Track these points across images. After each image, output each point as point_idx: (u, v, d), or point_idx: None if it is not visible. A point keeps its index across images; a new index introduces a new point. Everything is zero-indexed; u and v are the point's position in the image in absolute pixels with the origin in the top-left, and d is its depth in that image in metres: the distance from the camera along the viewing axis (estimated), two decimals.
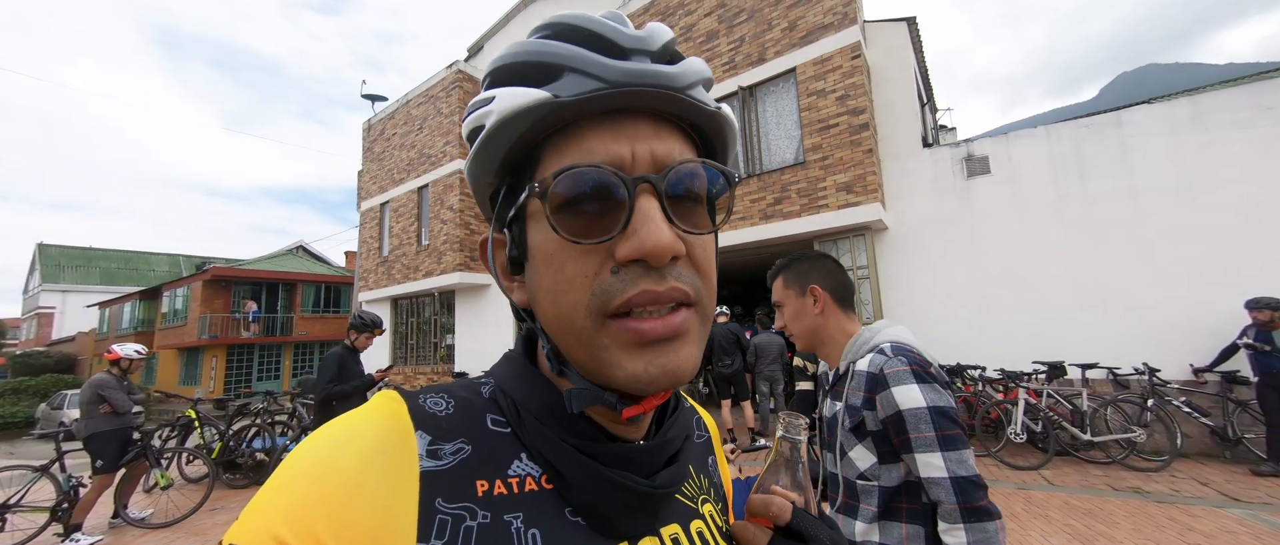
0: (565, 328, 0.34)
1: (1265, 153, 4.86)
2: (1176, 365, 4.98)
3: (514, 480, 0.34)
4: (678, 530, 0.38)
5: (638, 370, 0.32)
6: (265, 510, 0.28)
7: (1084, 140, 5.63)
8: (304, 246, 25.64)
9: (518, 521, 0.32)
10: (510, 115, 0.33)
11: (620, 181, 0.32)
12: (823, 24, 6.53)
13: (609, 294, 0.32)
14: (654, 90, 0.33)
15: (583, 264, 0.33)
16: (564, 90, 0.32)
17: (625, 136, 0.33)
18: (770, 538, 0.39)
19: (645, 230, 0.31)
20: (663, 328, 0.32)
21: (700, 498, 0.43)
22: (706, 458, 0.49)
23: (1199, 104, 5.22)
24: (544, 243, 0.34)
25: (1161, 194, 5.22)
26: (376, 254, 12.56)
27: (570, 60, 0.33)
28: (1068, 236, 5.57)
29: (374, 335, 3.75)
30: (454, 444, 0.33)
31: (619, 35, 0.34)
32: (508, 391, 0.38)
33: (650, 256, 0.31)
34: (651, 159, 0.33)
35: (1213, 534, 3.19)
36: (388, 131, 12.74)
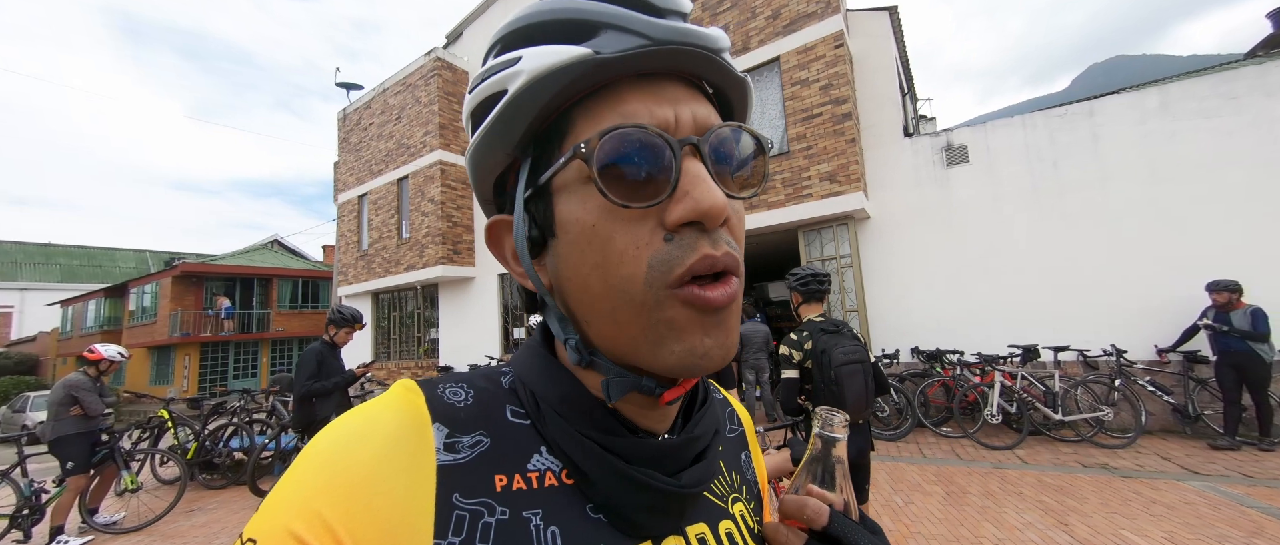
0: (619, 304, 0.31)
1: (1228, 140, 5.05)
2: (1142, 346, 5.19)
3: (533, 475, 0.33)
4: (705, 530, 0.37)
5: (694, 344, 0.31)
6: (281, 505, 0.28)
7: (1058, 129, 5.77)
8: (279, 241, 24.90)
9: (537, 518, 0.31)
10: (544, 74, 0.30)
11: (666, 144, 0.30)
12: (806, 12, 6.52)
13: (669, 262, 0.30)
14: (695, 50, 0.31)
15: (633, 233, 0.31)
16: (605, 46, 0.30)
17: (666, 99, 0.32)
18: (805, 542, 0.36)
19: (699, 190, 0.30)
20: (721, 295, 0.30)
21: (731, 497, 0.41)
22: (740, 454, 0.46)
23: (1167, 93, 5.38)
24: (583, 214, 0.32)
25: (1130, 181, 5.39)
26: (356, 247, 12.27)
27: (609, 16, 0.31)
28: (1042, 223, 5.73)
29: (354, 330, 3.66)
30: (472, 436, 0.32)
31: None
32: (526, 382, 0.37)
33: (706, 217, 0.30)
34: (694, 122, 0.32)
35: (1174, 505, 3.35)
36: (364, 121, 12.38)
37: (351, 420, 0.31)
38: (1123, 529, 3.04)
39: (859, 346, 2.21)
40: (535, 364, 0.37)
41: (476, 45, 11.35)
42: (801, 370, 2.27)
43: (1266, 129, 4.93)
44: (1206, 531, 2.94)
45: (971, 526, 3.20)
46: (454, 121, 10.73)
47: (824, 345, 2.17)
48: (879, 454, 4.91)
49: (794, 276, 2.44)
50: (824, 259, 6.61)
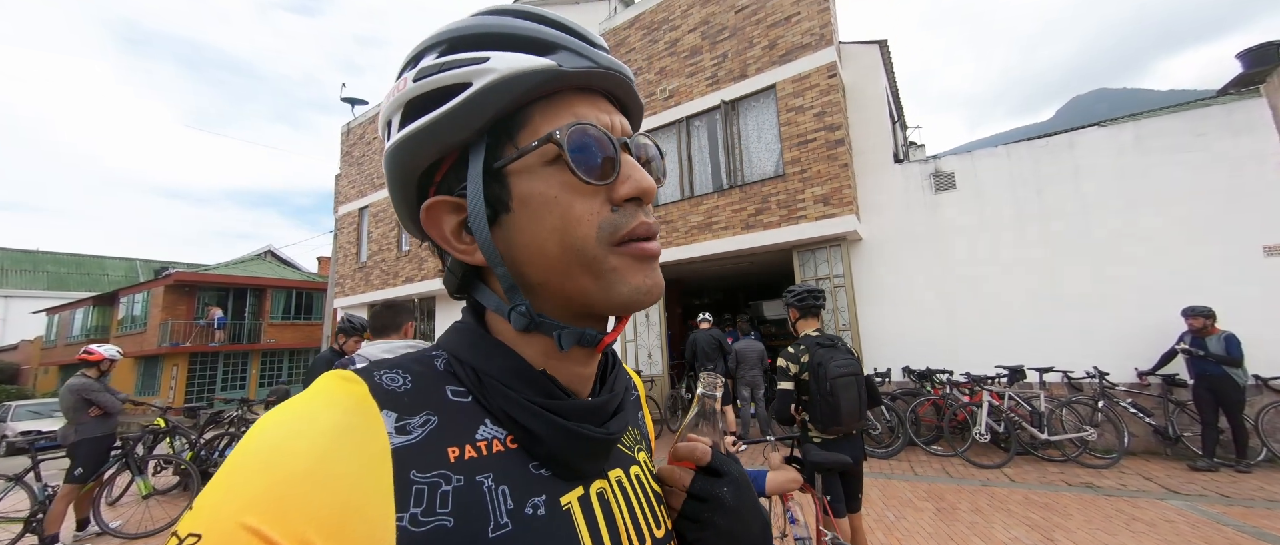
0: (573, 260, 0.38)
1: (1198, 175, 5.33)
2: (1124, 369, 5.36)
3: (482, 444, 0.36)
4: (620, 474, 0.45)
5: (639, 282, 0.39)
6: (226, 498, 0.28)
7: (1041, 159, 6.05)
8: (273, 252, 24.79)
9: (489, 481, 0.35)
10: (514, 75, 0.37)
11: (610, 141, 0.39)
12: (801, 43, 6.84)
13: (616, 225, 0.39)
14: (620, 76, 0.42)
15: (589, 203, 0.38)
16: (565, 63, 0.38)
17: (603, 109, 0.41)
18: (693, 476, 0.46)
19: (638, 175, 0.40)
20: (656, 247, 0.41)
21: (635, 447, 0.50)
22: (637, 413, 0.56)
23: (1141, 129, 5.69)
24: (546, 188, 0.38)
25: (1108, 210, 5.65)
26: (354, 259, 12.32)
27: (563, 41, 0.40)
28: (1026, 249, 5.95)
29: (361, 339, 3.76)
30: (421, 417, 0.35)
31: (588, 32, 0.43)
32: (465, 361, 0.40)
33: (645, 194, 0.40)
34: (622, 128, 0.42)
35: (1155, 523, 3.47)
36: (368, 136, 12.57)
37: (288, 411, 0.32)
38: None
39: (853, 360, 2.35)
40: (474, 343, 0.41)
41: None
42: (797, 382, 2.40)
43: (1232, 165, 5.22)
44: None
45: (961, 541, 3.30)
46: None
47: (820, 358, 2.30)
48: (872, 471, 4.99)
49: (791, 293, 2.59)
50: (818, 279, 6.78)
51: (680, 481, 0.47)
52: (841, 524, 2.32)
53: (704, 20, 7.89)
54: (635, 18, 8.81)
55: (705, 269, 8.78)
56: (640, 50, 8.67)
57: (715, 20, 7.73)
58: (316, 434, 0.30)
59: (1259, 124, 5.23)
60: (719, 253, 7.24)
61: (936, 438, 5.65)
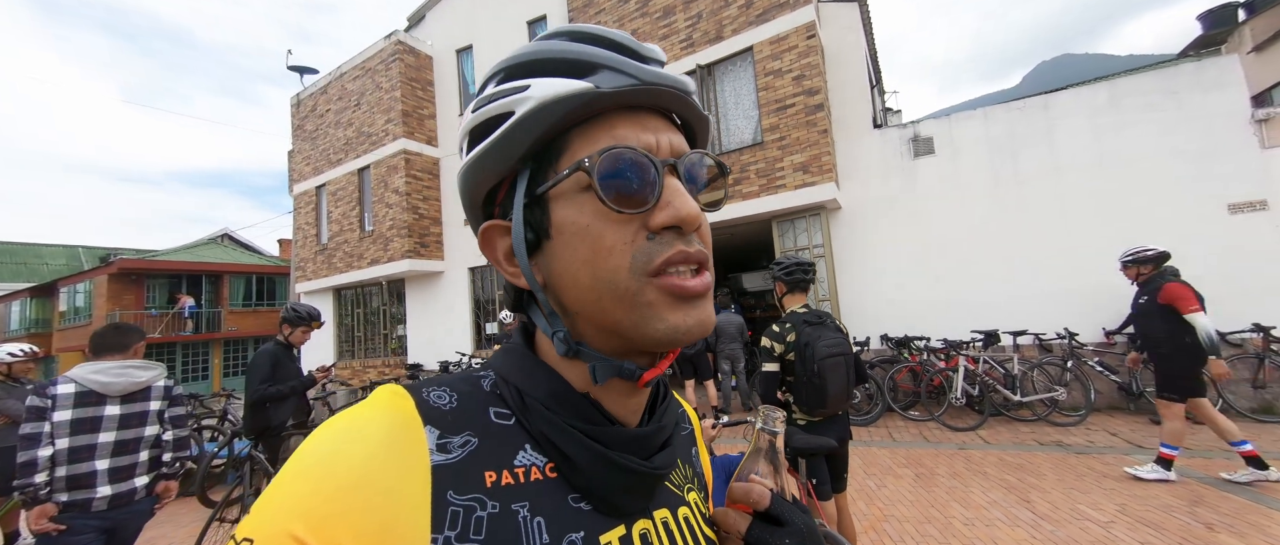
0: (603, 292, 0.36)
1: (1170, 132, 5.36)
2: (1092, 329, 5.49)
3: (520, 470, 0.36)
4: (667, 514, 0.42)
5: (678, 320, 0.36)
6: (277, 506, 0.29)
7: (1016, 122, 5.99)
8: (230, 235, 23.44)
9: (524, 510, 0.34)
10: (552, 100, 0.36)
11: (652, 163, 0.37)
12: (779, 2, 6.51)
13: (650, 255, 0.36)
14: (672, 91, 0.39)
15: (620, 233, 0.36)
16: (604, 83, 0.36)
17: (649, 128, 0.38)
18: (750, 523, 0.42)
19: (678, 201, 0.36)
20: (700, 285, 0.37)
21: (686, 486, 0.46)
22: (690, 449, 0.52)
23: (1116, 88, 5.65)
24: (578, 216, 0.37)
25: (1082, 171, 5.66)
26: (314, 241, 11.65)
27: (605, 60, 0.37)
28: (1002, 213, 5.96)
29: (311, 329, 3.44)
30: (461, 437, 0.35)
31: (640, 46, 0.40)
32: (511, 381, 0.40)
33: (684, 222, 0.36)
34: (671, 147, 0.39)
35: (1121, 477, 3.57)
36: (320, 107, 11.70)
37: (342, 423, 0.33)
38: (1079, 503, 3.20)
39: (842, 338, 2.20)
40: (520, 364, 0.41)
41: (440, 28, 10.86)
42: (782, 362, 2.25)
43: (1205, 122, 5.25)
44: (1154, 502, 3.13)
45: (941, 507, 3.31)
46: (418, 109, 10.26)
47: (807, 338, 2.15)
48: (853, 440, 5.03)
49: (779, 266, 2.41)
50: (798, 249, 6.69)
51: (736, 527, 0.42)
52: (826, 507, 2.22)
53: None
54: None
55: None
56: (610, 10, 8.16)
57: None
58: (365, 447, 0.31)
59: (1229, 82, 5.24)
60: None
61: (914, 403, 5.73)
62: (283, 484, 0.30)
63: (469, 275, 9.94)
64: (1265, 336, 4.80)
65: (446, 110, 10.57)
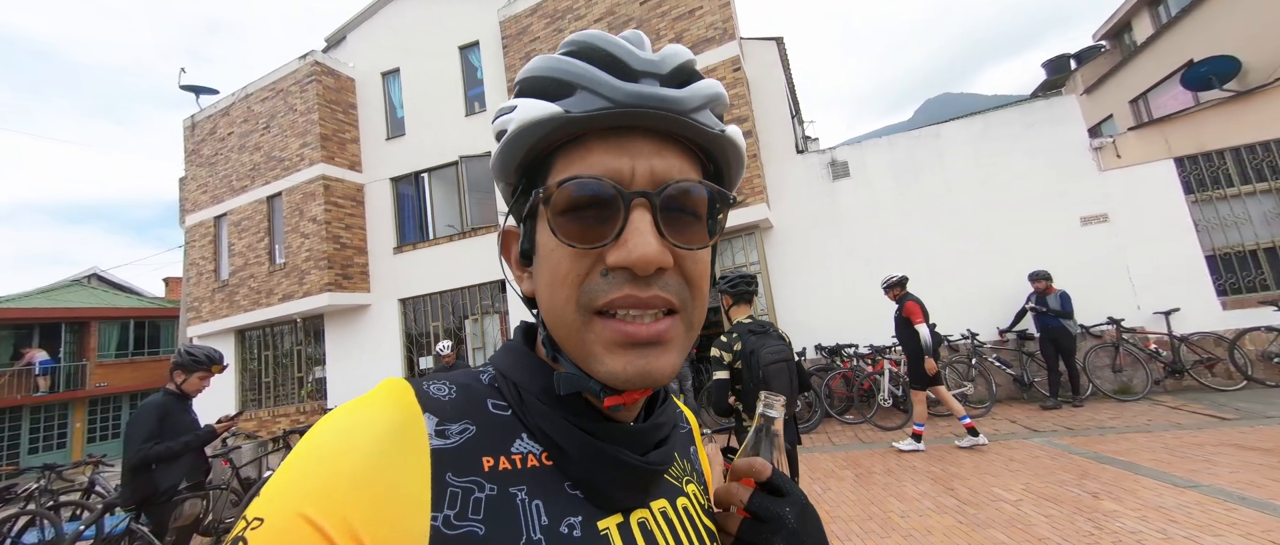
0: (557, 319, 0.37)
1: (1032, 157, 6.32)
2: (988, 328, 6.21)
3: (516, 457, 0.36)
4: (665, 505, 0.42)
5: (616, 368, 0.35)
6: (288, 490, 0.30)
7: (914, 149, 6.79)
8: (99, 275, 20.18)
9: (522, 493, 0.35)
10: (526, 125, 0.36)
11: (617, 193, 0.35)
12: (706, 37, 6.96)
13: (594, 293, 0.35)
14: (656, 111, 0.35)
15: (576, 264, 0.36)
16: (575, 106, 0.35)
17: (627, 153, 0.36)
18: (752, 492, 0.43)
19: (633, 241, 0.34)
20: (646, 332, 0.35)
21: (684, 479, 0.47)
22: (689, 447, 0.53)
23: (989, 121, 6.61)
24: (546, 241, 0.37)
25: (968, 191, 6.49)
26: (212, 278, 10.37)
27: (583, 79, 0.36)
28: (908, 228, 6.65)
29: (211, 374, 3.01)
30: (459, 424, 0.36)
31: (632, 57, 0.36)
32: (509, 376, 0.41)
33: (635, 266, 0.34)
34: (650, 175, 0.36)
35: (1024, 460, 4.01)
36: (221, 130, 10.62)
37: (347, 413, 0.34)
38: (993, 486, 3.55)
39: (784, 345, 2.32)
40: (519, 360, 0.42)
41: (364, 50, 10.38)
42: (731, 371, 2.33)
43: (1056, 150, 6.26)
44: (1050, 479, 3.55)
45: (880, 504, 3.52)
46: (340, 132, 9.63)
47: (752, 345, 2.25)
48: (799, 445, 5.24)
49: (724, 280, 2.51)
50: (736, 267, 6.99)
51: (738, 498, 0.44)
52: None
53: (609, 10, 7.72)
54: (537, 5, 8.39)
55: None
56: (545, 39, 8.27)
57: (620, 11, 7.60)
58: (371, 434, 0.32)
59: (1070, 117, 6.32)
60: None
61: (848, 407, 6.10)
62: (293, 470, 0.31)
63: (399, 308, 9.30)
64: (1118, 328, 5.69)
65: (372, 134, 10.03)
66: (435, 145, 9.45)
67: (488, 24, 9.18)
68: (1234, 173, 5.77)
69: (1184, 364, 5.42)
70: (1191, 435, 4.11)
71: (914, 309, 4.55)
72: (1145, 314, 5.73)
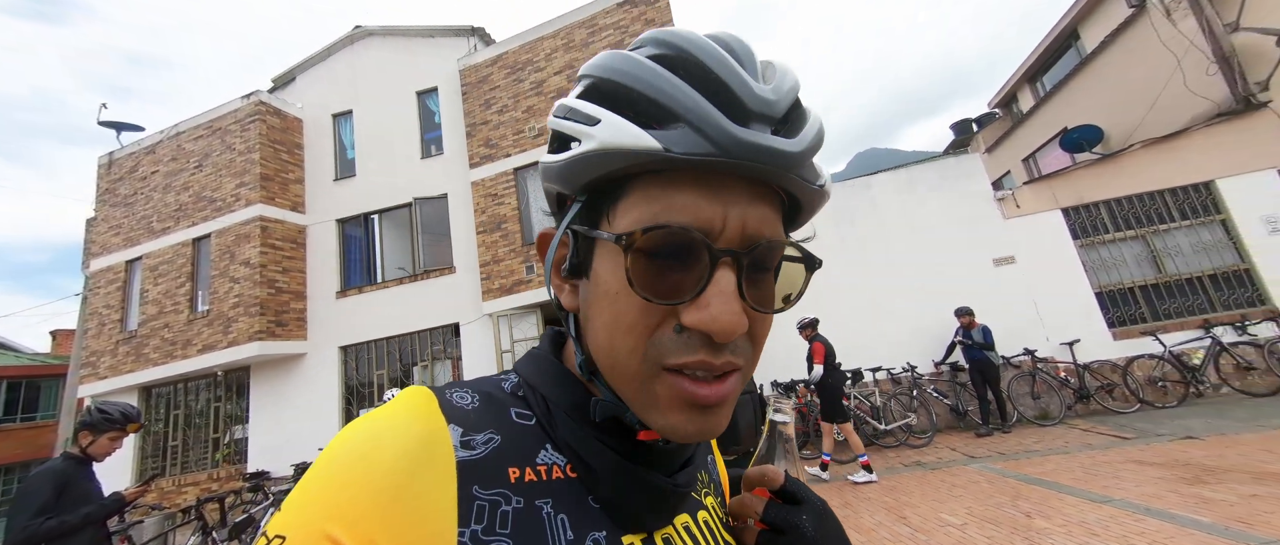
0: (613, 362, 0.35)
1: (950, 207, 7.10)
2: (926, 361, 6.68)
3: (542, 468, 0.35)
4: (688, 520, 0.42)
5: (678, 424, 0.33)
6: (311, 506, 0.29)
7: (851, 196, 7.45)
8: None
9: (548, 507, 0.34)
10: (614, 151, 0.32)
11: (706, 249, 0.32)
12: None
13: (666, 350, 0.32)
14: (765, 168, 0.32)
15: (647, 315, 0.33)
16: (676, 144, 0.31)
17: (721, 200, 0.32)
18: (766, 504, 0.42)
19: (717, 307, 0.31)
20: (714, 395, 0.33)
21: (703, 491, 0.46)
22: (707, 456, 0.52)
23: (912, 173, 7.41)
24: (611, 281, 0.34)
25: (899, 235, 7.15)
26: (117, 329, 9.27)
27: (690, 112, 0.31)
28: (850, 269, 7.16)
29: (124, 434, 2.68)
30: (485, 434, 0.35)
31: (747, 93, 0.32)
32: (537, 388, 0.39)
33: (716, 335, 0.31)
34: (742, 230, 0.33)
35: (967, 486, 4.26)
36: (144, 168, 9.88)
37: (370, 424, 0.33)
38: (940, 512, 3.74)
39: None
40: (547, 371, 0.41)
41: (315, 90, 10.19)
42: None
43: (969, 200, 7.09)
44: (988, 502, 3.79)
45: None
46: (282, 173, 9.23)
47: None
48: None
49: None
50: None
51: (753, 509, 0.42)
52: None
53: (568, 64, 8.13)
54: (498, 57, 8.69)
55: None
56: (506, 88, 8.52)
57: (578, 65, 8.00)
58: (396, 448, 0.31)
59: (977, 172, 7.22)
60: None
61: (805, 442, 6.25)
62: (315, 484, 0.30)
63: (340, 356, 8.69)
64: (1033, 358, 6.31)
65: (319, 174, 9.68)
66: (388, 187, 9.25)
67: (446, 72, 9.35)
68: (1109, 221, 6.76)
69: (1089, 389, 6.06)
70: (1101, 455, 4.56)
71: (818, 349, 5.07)
72: (1053, 345, 6.41)
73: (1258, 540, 2.64)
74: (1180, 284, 6.37)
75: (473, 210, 8.46)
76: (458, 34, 9.57)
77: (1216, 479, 3.55)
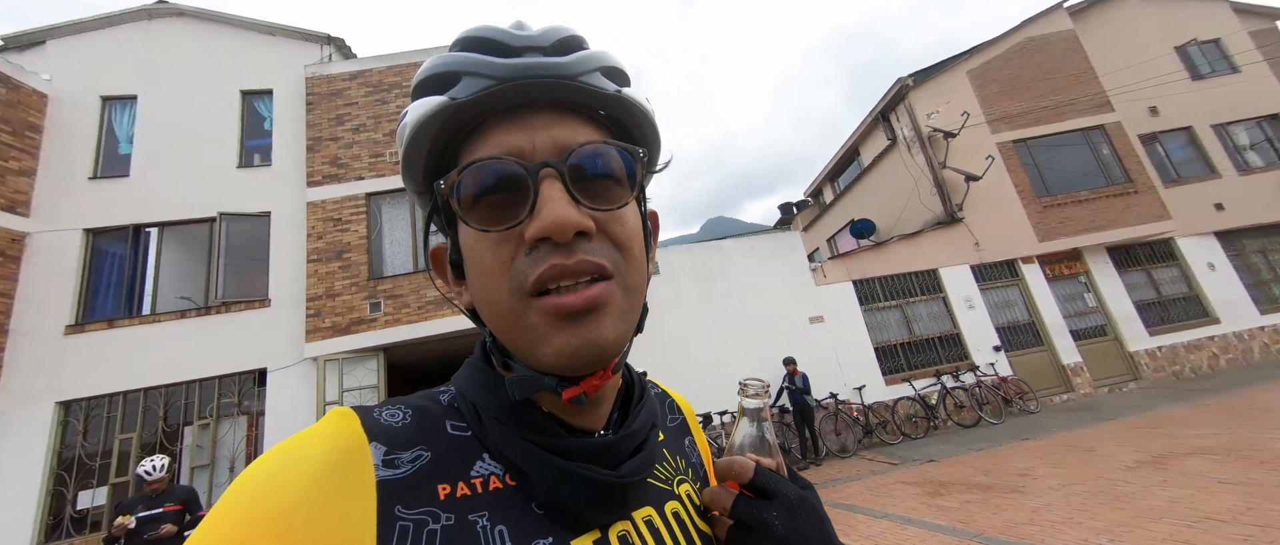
0: (496, 314, 0.36)
1: (780, 273, 8.54)
2: None
3: (477, 481, 0.34)
4: (651, 513, 0.39)
5: (561, 345, 0.33)
6: (210, 535, 0.27)
7: (707, 257, 8.45)
8: None
9: (484, 520, 0.32)
10: (418, 124, 0.35)
11: (522, 168, 0.33)
12: None
13: (523, 274, 0.33)
14: (542, 80, 0.34)
15: (499, 251, 0.34)
16: (461, 92, 0.34)
17: (524, 128, 0.35)
18: (736, 498, 0.39)
19: (546, 209, 0.33)
20: (579, 300, 0.33)
21: (675, 479, 0.43)
22: (683, 440, 0.49)
23: (754, 242, 8.79)
24: (467, 238, 0.36)
25: (746, 293, 8.29)
26: None
27: (464, 65, 0.35)
28: (706, 321, 7.98)
29: None
30: (412, 451, 0.33)
31: (510, 37, 0.36)
32: (467, 395, 0.39)
33: (552, 232, 0.32)
34: (553, 145, 0.35)
35: None
36: None
37: (283, 448, 0.31)
38: None
39: None
40: (475, 378, 0.40)
41: (76, 65, 7.82)
42: None
43: (792, 268, 8.64)
44: None
45: None
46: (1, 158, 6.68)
47: None
48: None
49: None
50: None
51: (721, 503, 0.39)
52: None
53: None
54: (361, 73, 7.95)
55: (444, 350, 7.88)
56: (366, 107, 7.76)
57: None
58: (304, 469, 0.30)
59: (797, 246, 8.91)
60: (464, 329, 6.68)
61: None
62: (221, 510, 0.28)
63: (56, 415, 6.23)
64: (835, 400, 7.74)
65: (67, 168, 7.27)
66: (179, 196, 7.38)
67: (289, 76, 8.15)
68: (881, 292, 8.89)
69: (872, 425, 7.63)
70: (881, 479, 5.72)
71: None
72: (849, 389, 7.97)
73: (971, 533, 3.61)
74: (923, 342, 8.61)
75: (305, 234, 7.23)
76: (308, 38, 8.50)
77: (948, 491, 4.75)
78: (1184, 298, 9.32)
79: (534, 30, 0.37)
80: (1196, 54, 10.71)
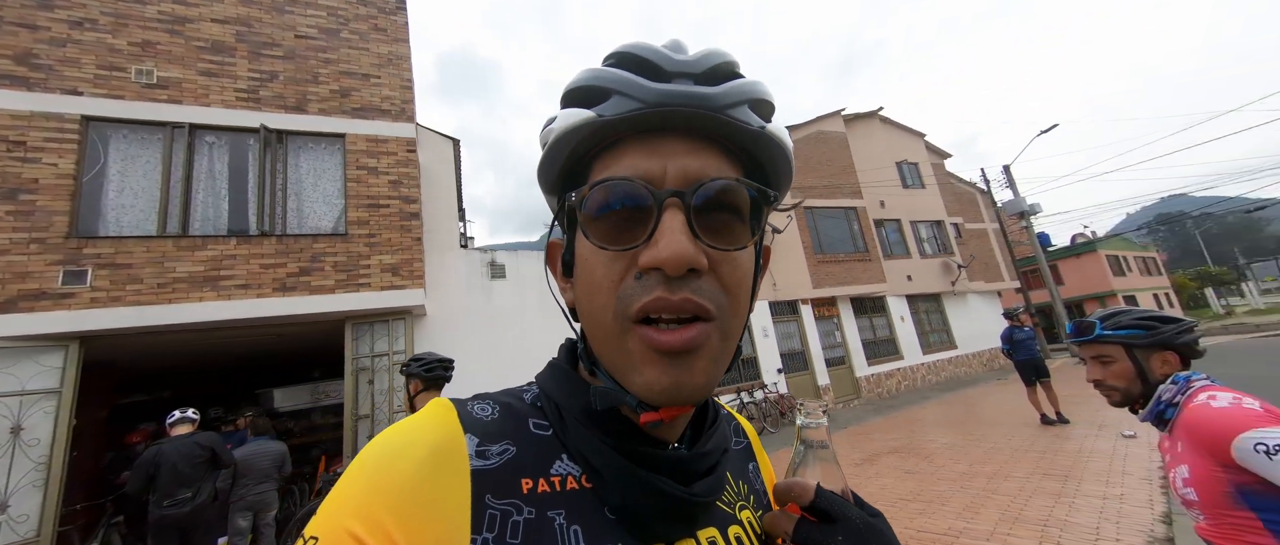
0: (598, 329, 0.37)
1: None
2: None
3: (556, 478, 0.36)
4: (715, 534, 0.39)
5: (650, 379, 0.33)
6: (338, 508, 0.31)
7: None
8: None
9: (560, 518, 0.34)
10: (564, 132, 0.37)
11: (649, 194, 0.34)
12: (379, 107, 6.56)
13: (629, 298, 0.34)
14: (686, 109, 0.35)
15: (611, 269, 0.35)
16: (608, 110, 0.36)
17: (659, 153, 0.35)
18: (797, 522, 0.38)
19: (664, 241, 0.33)
20: (675, 340, 0.33)
21: (737, 504, 0.43)
22: (747, 465, 0.49)
23: None
24: (582, 248, 0.38)
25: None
26: None
27: (616, 84, 0.36)
28: (550, 328, 7.84)
29: None
30: (500, 445, 0.36)
31: (665, 60, 0.36)
32: (551, 395, 0.41)
33: (665, 265, 0.32)
34: (683, 175, 0.35)
35: None
36: None
37: (394, 432, 0.34)
38: None
39: None
40: (559, 378, 0.42)
41: None
42: None
43: None
44: None
45: None
46: None
47: None
48: None
49: (417, 361, 2.33)
50: (374, 355, 6.07)
51: (781, 528, 0.39)
52: None
53: (241, 19, 6.12)
54: None
55: (219, 341, 5.91)
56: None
57: (259, 28, 6.17)
58: (414, 453, 0.33)
59: None
60: (230, 319, 5.13)
61: None
62: (342, 488, 0.32)
63: None
64: None
65: None
66: None
67: None
68: None
69: None
70: None
71: None
72: None
73: None
74: None
75: None
76: None
77: None
78: (887, 339, 13.10)
79: (690, 55, 0.38)
80: (906, 170, 15.51)
